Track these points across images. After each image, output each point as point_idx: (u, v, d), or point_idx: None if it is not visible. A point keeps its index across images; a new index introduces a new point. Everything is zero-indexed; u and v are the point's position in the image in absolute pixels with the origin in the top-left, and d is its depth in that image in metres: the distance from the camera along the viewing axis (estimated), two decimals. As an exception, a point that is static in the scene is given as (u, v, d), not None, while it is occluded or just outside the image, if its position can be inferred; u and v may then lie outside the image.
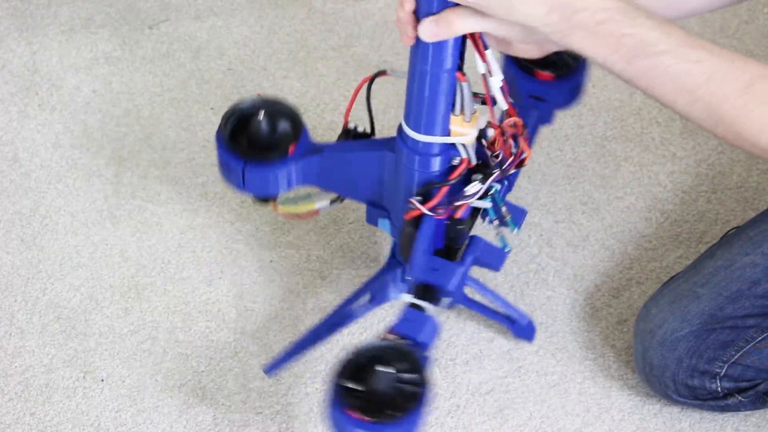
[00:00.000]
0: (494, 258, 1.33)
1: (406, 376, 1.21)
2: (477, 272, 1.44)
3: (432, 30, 1.12)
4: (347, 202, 1.59)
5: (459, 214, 1.28)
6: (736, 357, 1.34)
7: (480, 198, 1.29)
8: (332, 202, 1.39)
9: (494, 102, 1.21)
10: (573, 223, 1.58)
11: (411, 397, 1.19)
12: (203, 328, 1.48)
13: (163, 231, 1.57)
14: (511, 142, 1.25)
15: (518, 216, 1.34)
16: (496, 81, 1.19)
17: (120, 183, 1.62)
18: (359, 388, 1.20)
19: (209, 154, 1.65)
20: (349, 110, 1.33)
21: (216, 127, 1.68)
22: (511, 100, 1.22)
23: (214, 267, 1.54)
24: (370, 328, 1.49)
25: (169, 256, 1.55)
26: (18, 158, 1.65)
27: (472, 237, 1.33)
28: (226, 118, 1.34)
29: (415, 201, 1.27)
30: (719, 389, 1.36)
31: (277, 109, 1.35)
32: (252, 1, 1.83)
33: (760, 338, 1.34)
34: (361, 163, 1.32)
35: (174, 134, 1.67)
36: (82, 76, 1.74)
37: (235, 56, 1.76)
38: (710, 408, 1.39)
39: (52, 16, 1.81)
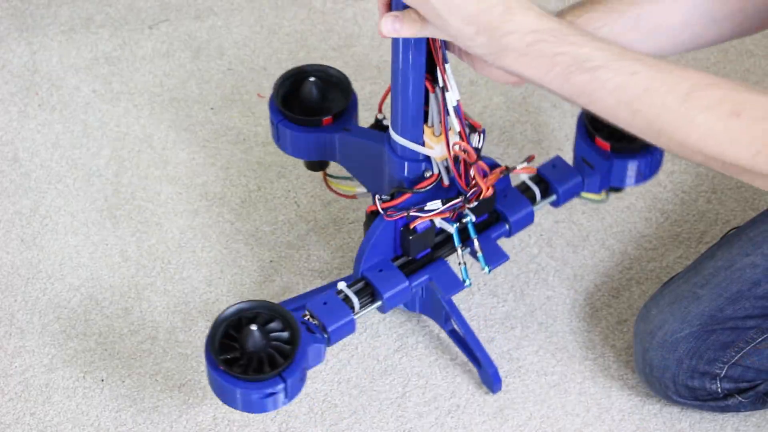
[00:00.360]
0: (448, 286, 1.34)
1: (279, 333, 1.24)
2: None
3: (387, 25, 1.12)
4: (347, 202, 1.59)
5: (413, 225, 1.28)
6: (736, 358, 1.34)
7: (450, 221, 1.30)
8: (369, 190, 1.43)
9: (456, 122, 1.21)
10: (573, 223, 1.58)
11: (284, 354, 1.22)
12: (203, 328, 1.48)
13: (163, 231, 1.57)
14: (468, 171, 1.26)
15: (495, 258, 1.35)
16: (452, 98, 1.19)
17: (120, 183, 1.62)
18: (233, 352, 1.23)
19: (209, 154, 1.65)
20: (381, 102, 1.35)
21: (216, 127, 1.68)
22: (467, 122, 1.22)
23: (214, 267, 1.54)
24: (370, 328, 1.49)
25: (169, 256, 1.55)
26: (18, 158, 1.65)
27: (438, 259, 1.34)
28: (286, 76, 1.42)
29: (378, 197, 1.29)
30: (719, 390, 1.36)
31: (333, 82, 1.42)
32: (252, 1, 1.83)
33: (760, 339, 1.34)
34: (369, 152, 1.33)
35: (174, 134, 1.67)
36: (82, 76, 1.74)
37: (235, 56, 1.76)
38: (710, 408, 1.39)
39: (52, 16, 1.81)
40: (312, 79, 1.40)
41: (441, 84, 1.19)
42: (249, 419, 1.41)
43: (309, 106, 1.41)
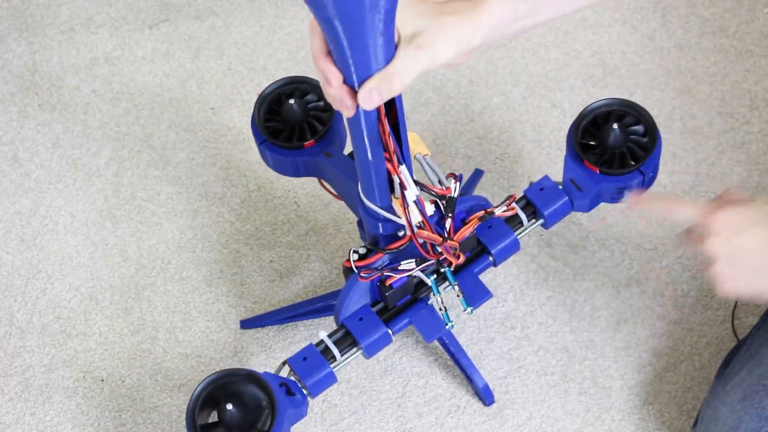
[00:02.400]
0: (430, 330, 1.32)
1: (257, 399, 1.23)
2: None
3: (374, 95, 1.05)
4: (347, 202, 1.59)
5: (388, 282, 1.27)
6: None
7: (429, 275, 1.29)
8: None
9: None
10: (573, 223, 1.58)
11: (265, 420, 1.22)
12: (203, 328, 1.48)
13: (163, 231, 1.57)
14: (432, 248, 1.24)
15: (477, 297, 1.32)
16: (411, 194, 1.17)
17: (120, 183, 1.62)
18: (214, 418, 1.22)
19: (209, 154, 1.65)
20: None
21: (216, 127, 1.68)
22: (428, 214, 1.20)
23: (214, 267, 1.54)
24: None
25: (169, 256, 1.55)
26: (18, 158, 1.65)
27: (419, 300, 1.33)
28: (264, 95, 1.38)
29: (353, 252, 1.27)
30: None
31: (319, 96, 1.38)
32: (252, 1, 1.83)
33: None
34: (348, 187, 1.31)
35: (174, 134, 1.67)
36: (82, 76, 1.74)
37: (235, 56, 1.76)
38: None
39: (52, 16, 1.81)
40: (291, 101, 1.36)
41: (398, 181, 1.16)
42: None
43: (291, 126, 1.37)
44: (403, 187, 1.16)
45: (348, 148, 1.34)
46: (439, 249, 1.24)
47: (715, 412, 1.32)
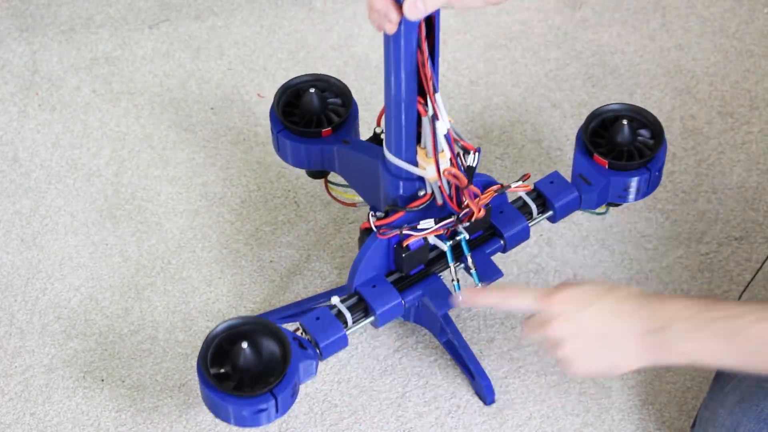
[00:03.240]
0: (441, 302, 1.34)
1: (271, 350, 1.24)
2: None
3: (419, 4, 1.09)
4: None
5: (406, 242, 1.28)
6: None
7: (444, 239, 1.30)
8: None
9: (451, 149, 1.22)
10: (573, 223, 1.58)
11: (275, 370, 1.22)
12: (203, 328, 1.48)
13: (163, 231, 1.57)
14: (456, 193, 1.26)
15: (488, 274, 1.34)
16: (442, 126, 1.19)
17: (120, 183, 1.62)
18: (225, 367, 1.23)
19: (209, 154, 1.65)
20: (380, 117, 1.35)
21: (216, 127, 1.68)
22: (458, 149, 1.22)
23: (214, 267, 1.54)
24: (370, 328, 1.49)
25: (169, 256, 1.55)
26: (18, 158, 1.65)
27: (431, 275, 1.34)
28: (287, 86, 1.43)
29: (372, 214, 1.29)
30: None
31: (334, 92, 1.43)
32: (252, 1, 1.83)
33: None
34: (366, 166, 1.33)
35: (174, 134, 1.67)
36: (82, 76, 1.74)
37: (235, 56, 1.76)
38: None
39: (52, 16, 1.81)
40: (312, 90, 1.41)
41: (431, 113, 1.19)
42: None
43: (309, 116, 1.41)
44: (435, 117, 1.18)
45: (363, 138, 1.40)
46: (463, 198, 1.26)
47: (713, 414, 1.31)
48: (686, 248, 1.56)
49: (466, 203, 1.28)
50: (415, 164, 1.25)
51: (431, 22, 1.14)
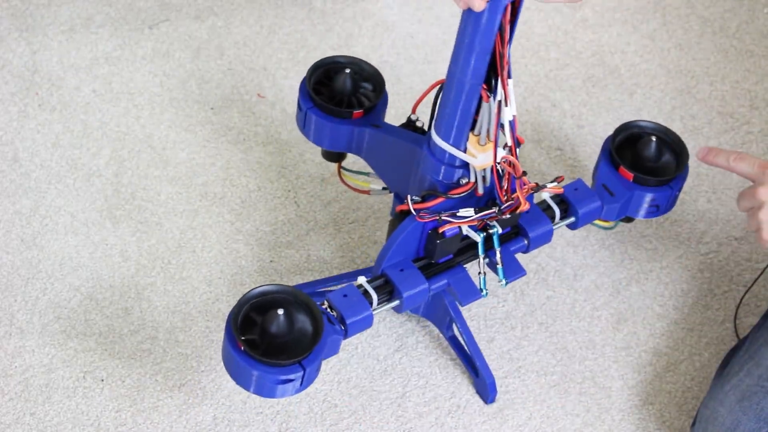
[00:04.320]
0: (466, 294, 1.34)
1: (303, 321, 1.23)
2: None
3: None
4: (347, 202, 1.59)
5: (442, 229, 1.28)
6: None
7: (476, 230, 1.30)
8: (383, 188, 1.43)
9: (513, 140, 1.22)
10: (573, 223, 1.58)
11: (305, 342, 1.22)
12: (203, 328, 1.48)
13: (163, 231, 1.57)
14: (507, 185, 1.26)
15: (513, 271, 1.35)
16: (509, 113, 1.19)
17: (120, 183, 1.62)
18: (253, 333, 1.23)
19: (209, 154, 1.65)
20: (416, 104, 1.35)
21: (216, 127, 1.68)
22: (517, 139, 1.23)
23: (214, 267, 1.54)
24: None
25: (169, 256, 1.55)
26: (18, 158, 1.65)
27: (457, 265, 1.34)
28: (320, 63, 1.41)
29: (410, 197, 1.28)
30: None
31: (368, 77, 1.42)
32: (252, 1, 1.83)
33: None
34: (398, 150, 1.33)
35: (174, 134, 1.67)
36: (82, 76, 1.74)
37: (235, 56, 1.76)
38: None
39: (52, 16, 1.81)
40: (347, 70, 1.40)
41: (500, 97, 1.18)
42: (249, 419, 1.41)
43: (340, 97, 1.40)
44: (505, 102, 1.18)
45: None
46: (514, 186, 1.26)
47: (713, 413, 1.31)
48: (686, 248, 1.56)
49: (515, 195, 1.27)
50: (464, 151, 1.24)
51: (516, 6, 1.14)
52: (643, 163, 1.41)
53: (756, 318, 1.50)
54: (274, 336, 1.21)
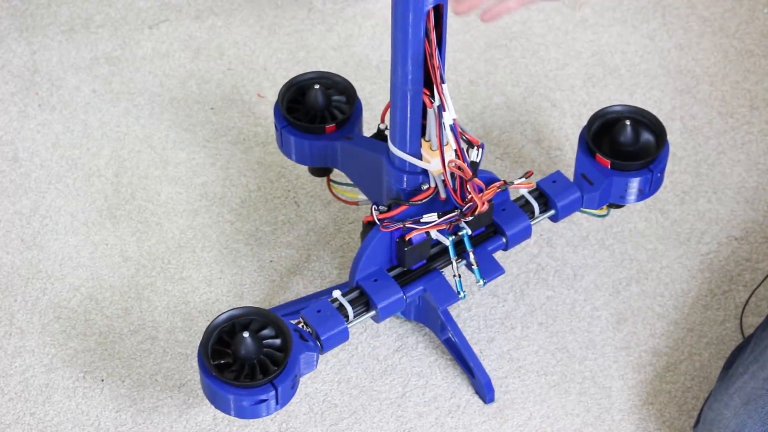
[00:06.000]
0: (443, 298, 1.35)
1: (272, 340, 1.25)
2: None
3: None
4: (347, 202, 1.59)
5: (408, 236, 1.29)
6: None
7: (447, 234, 1.31)
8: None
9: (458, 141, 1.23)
10: (573, 223, 1.58)
11: (276, 361, 1.23)
12: (203, 328, 1.48)
13: (163, 231, 1.57)
14: (461, 187, 1.27)
15: (490, 270, 1.35)
16: (448, 117, 1.19)
17: (120, 183, 1.62)
18: (226, 358, 1.24)
19: (209, 154, 1.65)
20: (384, 113, 1.35)
21: (216, 127, 1.68)
22: (462, 143, 1.23)
23: (214, 267, 1.54)
24: (370, 328, 1.49)
25: (169, 256, 1.55)
26: (18, 158, 1.65)
27: (433, 270, 1.34)
28: (291, 83, 1.43)
29: (374, 207, 1.29)
30: None
31: (339, 89, 1.43)
32: (252, 1, 1.83)
33: None
34: (369, 161, 1.34)
35: (174, 134, 1.67)
36: (82, 76, 1.74)
37: (235, 56, 1.76)
38: None
39: (52, 16, 1.81)
40: (317, 86, 1.41)
41: (438, 103, 1.19)
42: (249, 419, 1.41)
43: (313, 113, 1.42)
44: (442, 108, 1.19)
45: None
46: (467, 191, 1.26)
47: (718, 415, 1.31)
48: (686, 248, 1.56)
49: (469, 197, 1.28)
50: (419, 158, 1.25)
51: (439, 11, 1.14)
52: (622, 148, 1.40)
53: (758, 318, 1.50)
54: (245, 359, 1.23)
